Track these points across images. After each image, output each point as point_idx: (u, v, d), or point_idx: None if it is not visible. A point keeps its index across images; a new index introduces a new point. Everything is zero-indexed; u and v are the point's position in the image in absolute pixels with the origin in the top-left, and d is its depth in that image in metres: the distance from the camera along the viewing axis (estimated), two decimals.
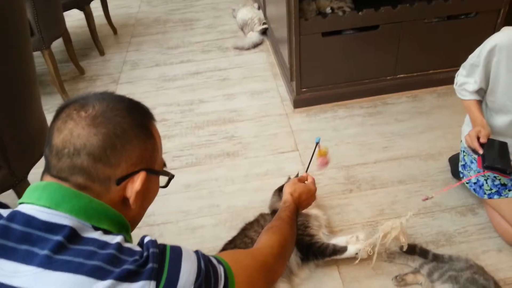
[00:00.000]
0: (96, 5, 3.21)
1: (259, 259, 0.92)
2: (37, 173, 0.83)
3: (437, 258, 1.50)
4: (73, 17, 3.40)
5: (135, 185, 0.75)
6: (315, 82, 2.38)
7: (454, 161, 1.86)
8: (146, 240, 0.72)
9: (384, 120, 2.29)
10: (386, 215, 1.74)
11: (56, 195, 0.70)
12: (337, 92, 2.41)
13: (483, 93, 1.58)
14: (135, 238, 0.78)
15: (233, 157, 2.12)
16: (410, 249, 1.55)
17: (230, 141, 2.23)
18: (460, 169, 1.77)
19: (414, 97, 2.44)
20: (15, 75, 1.48)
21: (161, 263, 0.68)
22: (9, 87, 1.45)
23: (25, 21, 1.56)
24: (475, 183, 1.68)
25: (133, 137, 0.75)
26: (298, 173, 1.69)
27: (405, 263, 1.55)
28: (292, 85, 2.43)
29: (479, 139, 1.41)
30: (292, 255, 1.42)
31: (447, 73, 2.37)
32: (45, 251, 0.65)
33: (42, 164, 0.77)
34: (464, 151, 1.73)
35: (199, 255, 0.75)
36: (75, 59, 2.89)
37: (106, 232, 0.71)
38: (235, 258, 0.86)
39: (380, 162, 2.02)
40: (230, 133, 2.28)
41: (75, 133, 0.71)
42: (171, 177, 0.85)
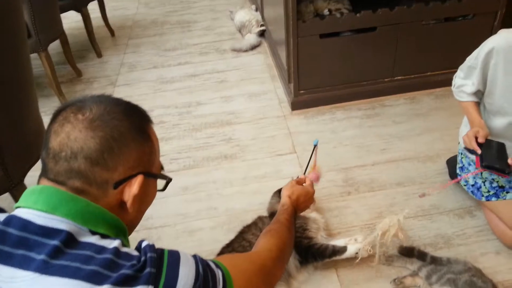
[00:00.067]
0: (93, 7, 3.21)
1: (258, 262, 0.91)
2: (34, 176, 0.82)
3: (435, 260, 1.50)
4: (70, 19, 3.40)
5: (133, 188, 0.75)
6: (313, 84, 2.38)
7: (452, 163, 1.86)
8: (143, 244, 0.71)
9: (382, 122, 2.29)
10: (384, 217, 1.73)
11: (52, 199, 0.70)
12: (335, 94, 2.41)
13: (481, 95, 1.59)
14: (132, 241, 0.77)
15: (231, 160, 2.12)
16: (408, 252, 1.55)
17: (228, 143, 2.23)
18: (457, 171, 1.77)
19: (412, 99, 2.44)
20: (12, 77, 1.47)
21: (159, 267, 0.68)
22: (5, 89, 1.44)
23: (22, 23, 1.55)
24: (473, 185, 1.68)
25: (130, 140, 0.75)
26: (298, 176, 1.69)
27: (404, 266, 1.55)
28: (290, 87, 2.43)
29: (477, 140, 1.41)
30: (290, 258, 1.41)
31: (445, 75, 2.38)
32: (42, 256, 0.64)
33: (39, 167, 0.76)
34: (462, 153, 1.73)
35: (197, 259, 0.75)
36: (72, 61, 2.88)
37: (103, 236, 0.71)
38: (233, 262, 0.86)
39: (378, 164, 2.02)
40: (228, 136, 2.28)
41: (72, 136, 0.71)
42: (169, 180, 0.85)
